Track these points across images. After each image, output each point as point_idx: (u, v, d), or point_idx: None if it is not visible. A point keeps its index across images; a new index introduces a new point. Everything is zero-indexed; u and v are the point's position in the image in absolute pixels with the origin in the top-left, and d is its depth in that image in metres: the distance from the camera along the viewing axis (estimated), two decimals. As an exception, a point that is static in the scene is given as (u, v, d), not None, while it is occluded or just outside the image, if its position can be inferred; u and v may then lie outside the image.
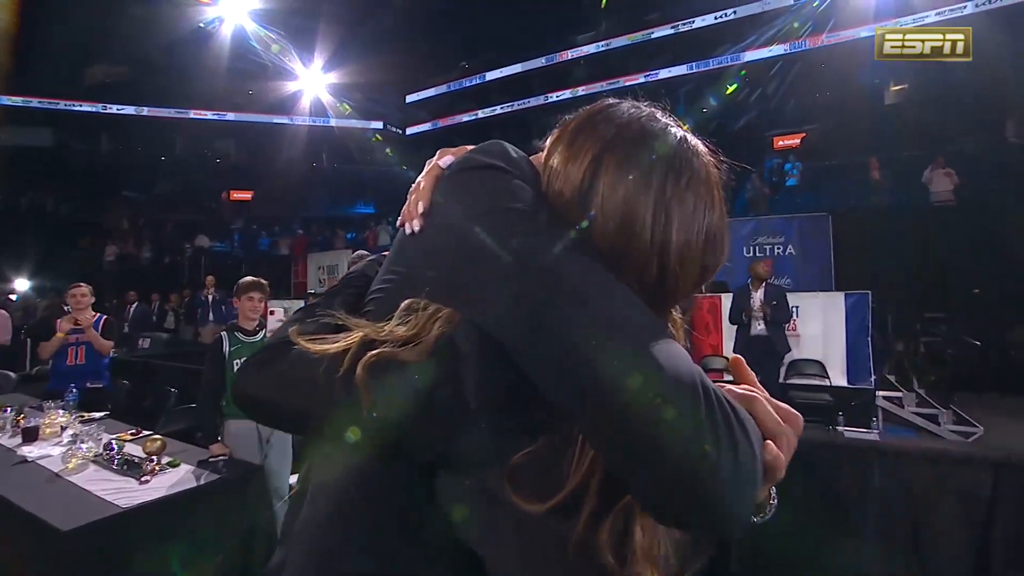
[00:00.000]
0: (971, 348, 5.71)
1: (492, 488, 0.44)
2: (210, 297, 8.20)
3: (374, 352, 0.47)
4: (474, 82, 14.30)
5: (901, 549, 2.09)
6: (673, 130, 0.51)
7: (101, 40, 11.93)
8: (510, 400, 0.45)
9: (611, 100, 0.54)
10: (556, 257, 0.41)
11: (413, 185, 0.58)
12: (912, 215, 7.63)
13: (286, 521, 0.57)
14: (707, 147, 0.53)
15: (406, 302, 0.51)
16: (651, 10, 12.16)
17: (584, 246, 0.45)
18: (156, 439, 2.32)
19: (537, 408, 0.44)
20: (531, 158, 0.55)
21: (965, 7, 9.37)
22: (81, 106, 13.04)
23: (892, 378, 5.71)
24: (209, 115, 14.49)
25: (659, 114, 0.53)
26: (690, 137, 0.52)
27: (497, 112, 14.03)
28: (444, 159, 0.56)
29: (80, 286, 3.37)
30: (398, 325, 0.50)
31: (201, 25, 12.43)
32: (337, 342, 0.50)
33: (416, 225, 0.54)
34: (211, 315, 8.10)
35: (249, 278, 2.87)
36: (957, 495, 2.00)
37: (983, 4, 9.25)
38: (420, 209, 0.54)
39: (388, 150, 15.31)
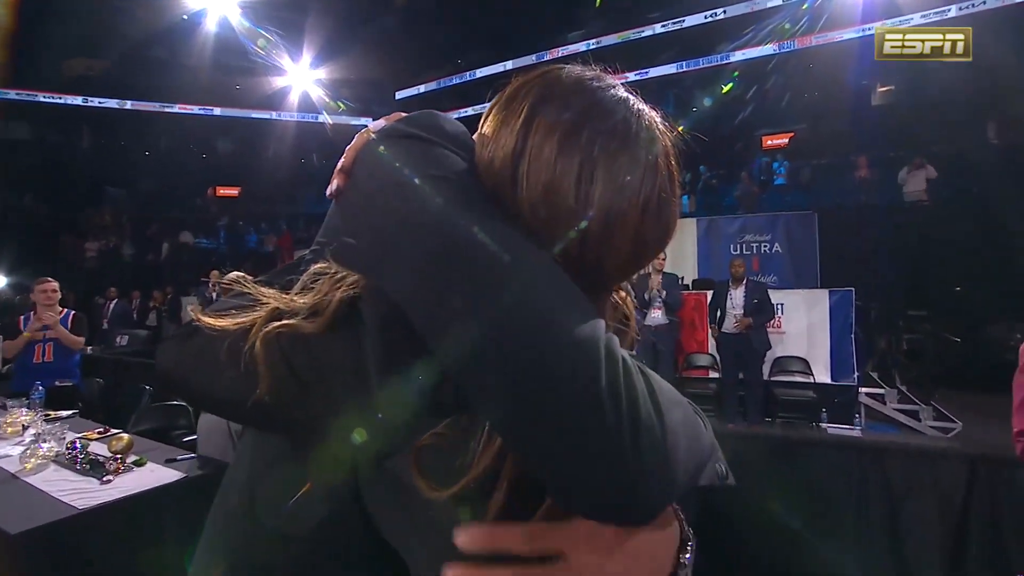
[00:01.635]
0: (952, 345, 5.77)
1: (402, 473, 0.40)
2: (214, 294, 8.01)
3: (275, 324, 0.44)
4: (464, 79, 14.22)
5: (879, 543, 2.09)
6: (614, 91, 0.47)
7: (82, 31, 11.66)
8: (414, 375, 0.40)
9: (556, 65, 0.50)
10: (465, 221, 0.37)
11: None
12: (896, 214, 7.72)
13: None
14: (659, 115, 0.48)
15: (314, 267, 0.48)
16: (641, 9, 12.18)
17: (502, 213, 0.41)
18: (123, 437, 2.25)
19: (443, 385, 0.40)
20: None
21: (949, 10, 9.46)
22: (62, 99, 12.75)
23: (875, 375, 5.76)
24: (195, 109, 14.23)
25: (608, 77, 0.48)
26: (635, 101, 0.47)
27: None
28: (376, 124, 0.52)
29: (48, 281, 3.27)
30: (301, 293, 0.46)
31: (185, 17, 12.20)
32: (245, 317, 0.46)
33: (334, 185, 0.50)
34: (215, 311, 7.91)
35: (232, 277, 2.82)
36: (934, 490, 2.00)
37: (967, 8, 9.35)
38: (339, 166, 0.50)
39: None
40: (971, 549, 1.86)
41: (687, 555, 0.41)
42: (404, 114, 0.51)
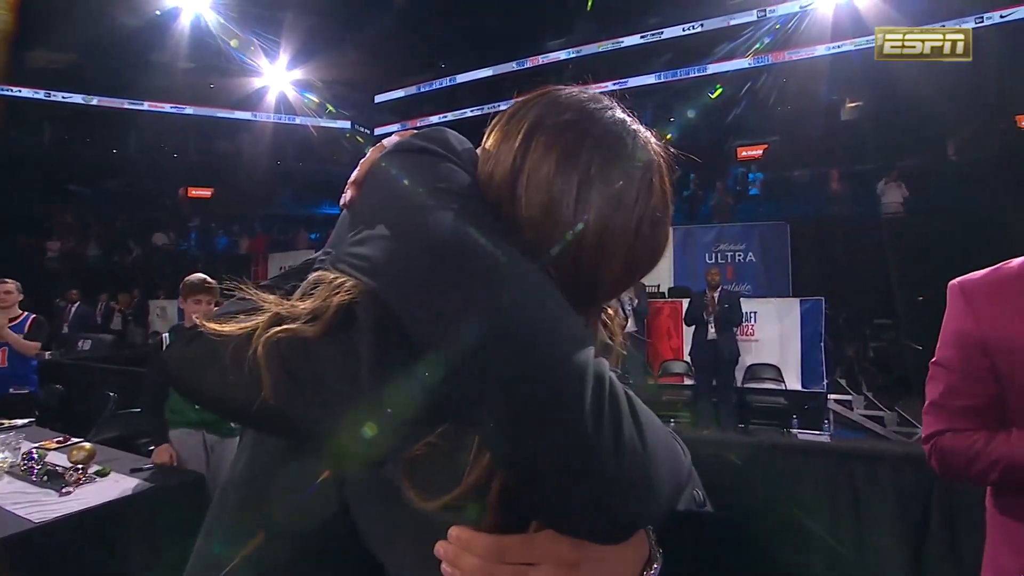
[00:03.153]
0: (915, 353, 5.99)
1: (393, 482, 0.40)
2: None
3: (275, 329, 0.45)
4: (444, 84, 14.23)
5: (846, 542, 2.15)
6: (612, 112, 0.48)
7: (45, 22, 11.21)
8: (407, 382, 0.40)
9: (555, 86, 0.51)
10: (466, 233, 0.38)
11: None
12: (864, 225, 8.00)
13: None
14: (654, 136, 0.50)
15: (315, 274, 0.49)
16: (621, 21, 12.41)
17: (503, 228, 0.42)
18: (84, 447, 2.16)
19: (435, 391, 0.40)
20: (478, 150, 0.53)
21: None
22: (20, 91, 12.21)
23: (843, 382, 5.94)
24: (167, 108, 13.87)
25: (605, 99, 0.50)
26: (631, 122, 0.49)
27: (467, 115, 13.99)
28: (390, 140, 0.54)
29: (5, 282, 3.13)
30: (302, 299, 0.47)
31: (158, 13, 11.87)
32: (248, 322, 0.47)
33: (347, 195, 0.52)
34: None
35: (196, 278, 2.64)
36: (896, 491, 2.07)
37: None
38: (352, 178, 0.52)
39: (368, 148, 14.98)
40: (930, 547, 1.94)
41: (651, 573, 0.42)
42: (415, 130, 0.53)
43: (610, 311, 0.54)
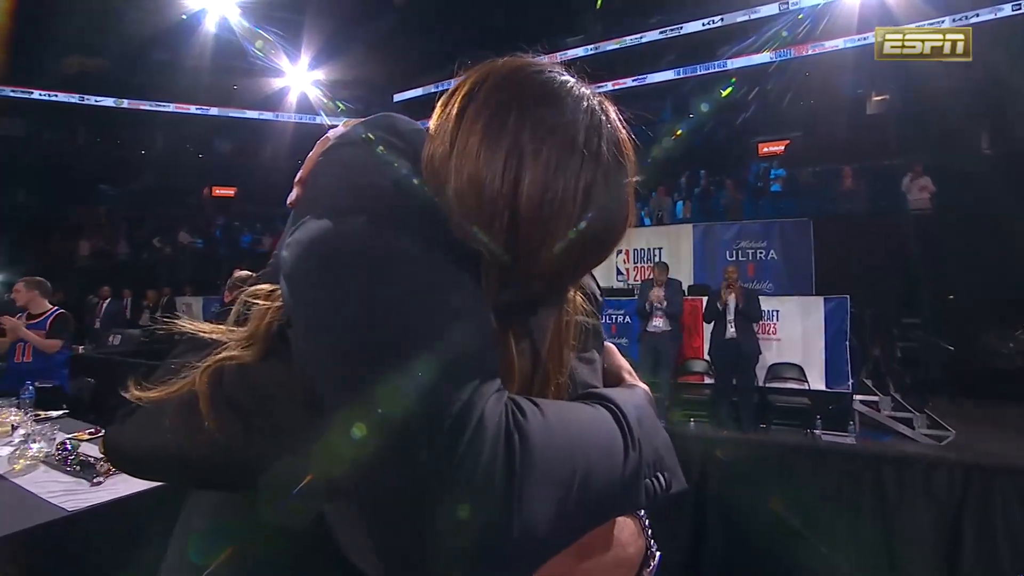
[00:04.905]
0: (945, 353, 5.80)
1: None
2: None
3: (214, 358, 0.42)
4: (462, 82, 14.27)
5: (874, 551, 2.09)
6: (552, 74, 0.43)
7: (79, 29, 11.60)
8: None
9: (500, 57, 0.47)
10: (379, 242, 0.35)
11: None
12: (891, 222, 7.77)
13: None
14: (611, 102, 0.45)
15: (249, 291, 0.45)
16: (640, 16, 12.26)
17: (428, 225, 0.38)
18: (114, 438, 2.23)
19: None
20: None
21: (943, 22, 9.59)
22: (57, 96, 12.68)
23: (869, 382, 5.78)
24: (192, 109, 14.23)
25: (553, 65, 0.45)
26: (576, 84, 0.44)
27: (485, 113, 14.00)
28: (336, 130, 0.52)
29: (16, 283, 3.27)
30: (237, 322, 0.45)
31: (184, 17, 12.17)
32: (184, 379, 0.44)
33: (293, 194, 0.49)
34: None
35: (243, 274, 2.81)
36: (929, 498, 2.00)
37: (959, 20, 9.48)
38: (298, 176, 0.49)
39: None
40: (965, 558, 1.87)
41: (649, 568, 0.41)
42: (359, 120, 0.50)
43: (577, 297, 0.50)
